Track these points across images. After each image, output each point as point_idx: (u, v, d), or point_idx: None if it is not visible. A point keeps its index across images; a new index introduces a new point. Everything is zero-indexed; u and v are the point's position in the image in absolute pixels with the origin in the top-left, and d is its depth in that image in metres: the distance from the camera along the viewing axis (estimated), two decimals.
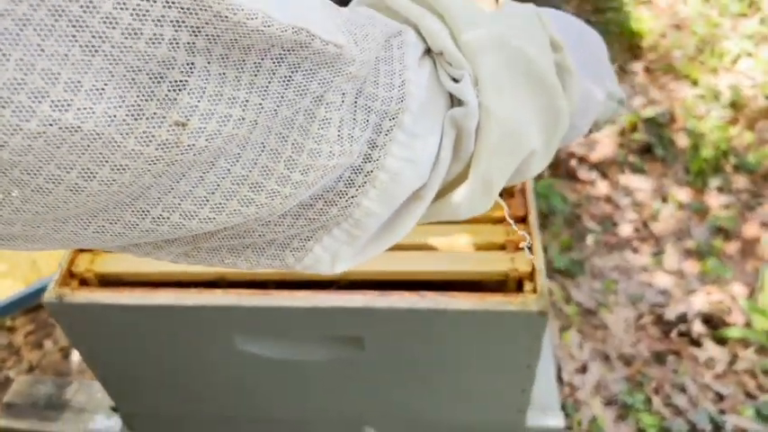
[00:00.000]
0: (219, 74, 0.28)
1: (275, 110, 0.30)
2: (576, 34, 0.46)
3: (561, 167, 2.06)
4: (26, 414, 1.16)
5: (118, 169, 0.27)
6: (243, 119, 0.29)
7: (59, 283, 0.75)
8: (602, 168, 2.07)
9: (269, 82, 0.29)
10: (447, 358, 0.79)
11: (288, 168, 0.32)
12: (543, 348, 1.20)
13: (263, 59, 0.29)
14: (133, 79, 0.26)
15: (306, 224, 0.35)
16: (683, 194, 1.98)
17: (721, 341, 1.63)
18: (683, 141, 2.12)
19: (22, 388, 1.21)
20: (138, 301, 0.72)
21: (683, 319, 1.68)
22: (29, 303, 1.62)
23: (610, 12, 2.68)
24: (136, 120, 0.26)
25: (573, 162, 2.09)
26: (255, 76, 0.29)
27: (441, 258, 0.79)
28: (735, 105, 2.20)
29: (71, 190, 0.27)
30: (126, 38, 0.25)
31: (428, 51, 0.38)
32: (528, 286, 0.75)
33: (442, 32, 0.37)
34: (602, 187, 2.02)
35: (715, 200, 1.95)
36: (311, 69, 0.31)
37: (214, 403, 0.89)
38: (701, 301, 1.71)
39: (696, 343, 1.63)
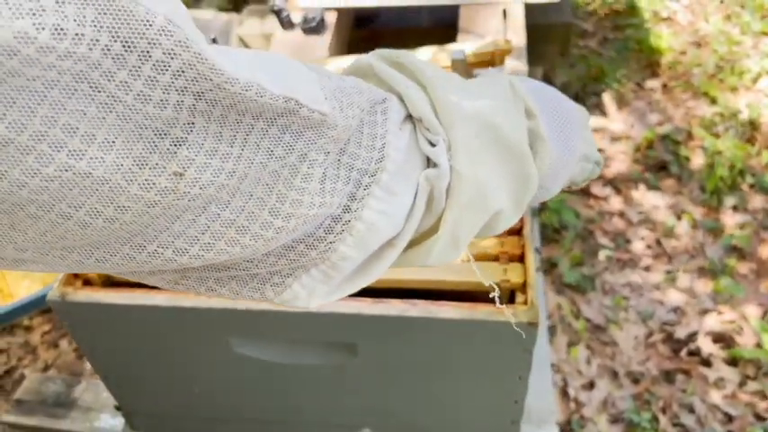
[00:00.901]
0: (217, 132, 0.32)
1: (264, 164, 0.34)
2: (551, 102, 0.51)
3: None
4: (35, 411, 1.18)
5: (121, 210, 0.31)
6: (234, 171, 0.33)
7: (63, 282, 0.77)
8: (617, 184, 2.06)
9: (261, 139, 0.34)
10: (439, 366, 0.79)
11: (272, 215, 0.36)
12: (542, 362, 1.20)
13: (256, 121, 0.33)
14: (140, 134, 0.30)
15: (287, 263, 0.39)
16: (697, 212, 1.96)
17: (732, 362, 1.61)
18: (699, 159, 2.10)
19: (33, 385, 1.24)
20: (136, 301, 0.74)
21: (693, 338, 1.66)
22: (46, 304, 1.66)
23: (629, 28, 2.68)
24: (140, 168, 0.30)
25: None
26: (249, 134, 0.33)
27: (434, 268, 0.80)
28: (753, 124, 2.18)
29: (79, 225, 0.31)
30: (137, 101, 0.29)
31: (409, 116, 0.43)
32: (520, 298, 0.76)
33: (422, 101, 0.42)
34: (615, 203, 2.01)
35: (730, 219, 1.93)
36: (298, 131, 0.35)
37: (212, 404, 0.91)
38: (713, 320, 1.69)
39: (706, 363, 1.62)
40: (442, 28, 1.90)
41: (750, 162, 2.07)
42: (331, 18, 1.68)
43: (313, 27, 1.63)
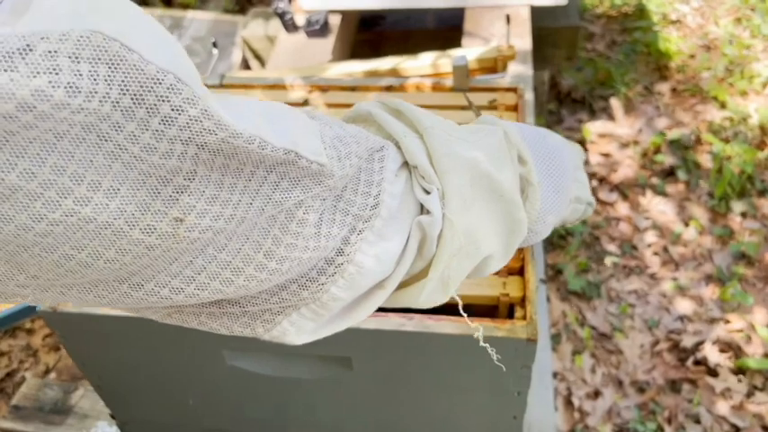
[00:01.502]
0: (218, 180, 0.34)
1: (262, 208, 0.36)
2: (545, 147, 0.52)
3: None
4: (32, 417, 1.18)
5: (122, 252, 0.32)
6: (233, 216, 0.35)
7: None
8: (623, 189, 2.04)
9: (260, 186, 0.35)
10: (435, 381, 0.78)
11: (266, 258, 0.37)
12: (543, 373, 1.18)
13: (257, 168, 0.35)
14: (144, 181, 0.31)
15: (278, 302, 0.41)
16: (705, 219, 1.93)
17: (739, 371, 1.58)
18: (707, 164, 2.08)
19: (30, 391, 1.23)
20: (128, 312, 0.73)
21: (700, 347, 1.64)
22: None
23: (637, 31, 2.65)
24: (142, 214, 0.32)
25: (594, 182, 2.06)
26: (249, 181, 0.35)
27: None
28: (763, 129, 2.15)
29: (81, 265, 0.32)
30: (143, 152, 0.30)
31: (406, 163, 0.45)
32: (519, 312, 0.74)
33: (419, 150, 0.44)
34: (622, 209, 1.99)
35: (739, 225, 1.91)
36: (296, 178, 0.37)
37: (206, 416, 0.90)
38: (720, 329, 1.67)
39: (713, 372, 1.59)
40: (448, 30, 1.88)
41: (760, 168, 2.04)
42: (335, 21, 1.67)
43: (317, 30, 1.62)
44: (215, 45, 1.04)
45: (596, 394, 1.58)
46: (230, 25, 2.19)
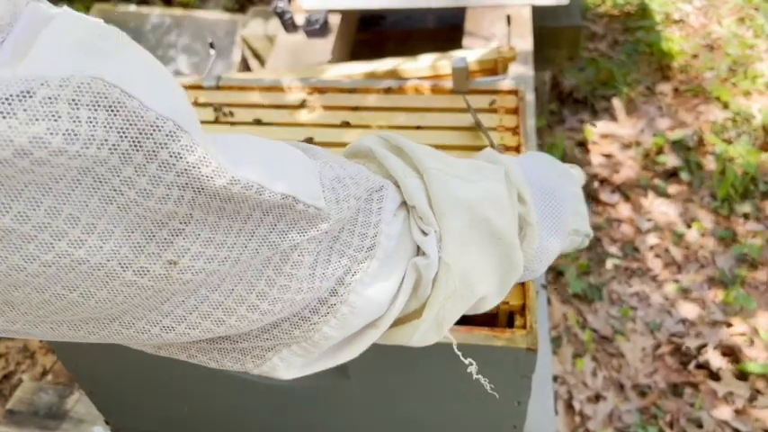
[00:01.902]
0: (214, 223, 0.33)
1: (257, 250, 0.35)
2: (547, 184, 0.53)
3: (583, 188, 2.01)
4: (27, 422, 1.16)
5: (114, 292, 0.32)
6: (228, 258, 0.34)
7: None
8: (625, 191, 2.02)
9: (256, 228, 0.35)
10: (433, 390, 0.76)
11: (259, 298, 0.37)
12: (543, 380, 1.17)
13: (253, 211, 0.35)
14: (139, 224, 0.31)
15: (270, 339, 0.41)
16: (708, 220, 1.92)
17: (742, 375, 1.57)
18: (710, 165, 2.06)
19: (26, 396, 1.22)
20: None
21: (702, 350, 1.62)
22: None
23: (640, 31, 2.63)
24: (136, 256, 0.32)
25: (595, 184, 2.05)
26: (245, 223, 0.35)
27: None
28: (766, 129, 2.13)
29: (72, 304, 0.32)
30: (139, 196, 0.30)
31: (405, 203, 0.45)
32: (518, 321, 0.72)
33: (418, 192, 0.44)
34: (624, 211, 1.97)
35: (742, 227, 1.89)
36: (293, 221, 0.37)
37: (202, 422, 0.88)
38: (723, 332, 1.65)
39: (715, 376, 1.58)
40: (448, 30, 1.87)
41: (763, 169, 2.02)
42: (335, 20, 1.65)
43: (316, 29, 1.60)
44: (212, 46, 1.03)
45: (597, 398, 1.57)
46: (230, 24, 2.17)
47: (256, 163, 0.35)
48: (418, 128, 0.87)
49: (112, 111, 0.28)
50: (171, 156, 0.30)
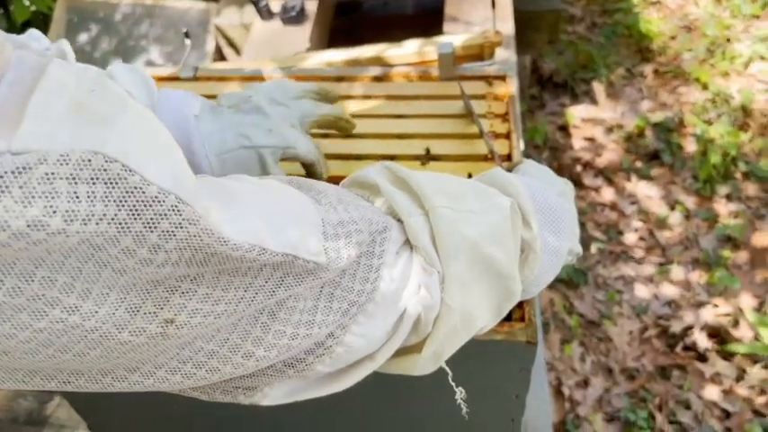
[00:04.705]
0: (212, 279, 0.33)
1: (253, 298, 0.35)
2: (551, 208, 0.53)
3: (565, 173, 2.00)
4: (6, 430, 1.13)
5: (108, 350, 0.32)
6: (225, 312, 0.34)
7: None
8: (608, 174, 2.02)
9: (255, 279, 0.35)
10: (431, 385, 0.74)
11: (254, 345, 0.37)
12: (537, 370, 1.16)
13: (252, 264, 0.34)
14: (135, 285, 0.30)
15: (263, 377, 0.40)
16: (690, 202, 1.92)
17: (728, 356, 1.58)
18: (691, 147, 2.06)
19: (4, 402, 1.18)
20: None
21: (688, 332, 1.63)
22: None
23: (618, 13, 2.62)
24: (132, 317, 0.31)
25: (578, 168, 2.04)
26: (244, 278, 0.34)
27: None
28: (745, 110, 2.14)
29: (64, 362, 0.32)
30: (138, 264, 0.29)
31: (408, 240, 0.44)
32: (516, 314, 0.70)
33: (423, 232, 0.44)
34: (607, 194, 1.97)
35: (724, 208, 1.90)
36: (293, 274, 0.37)
37: (186, 424, 0.86)
38: (708, 313, 1.66)
39: (702, 357, 1.58)
40: (427, 15, 1.84)
41: (743, 149, 2.03)
42: (311, 7, 1.61)
43: (293, 17, 1.56)
44: (187, 35, 0.99)
45: (586, 383, 1.56)
46: (203, 13, 2.12)
47: (258, 219, 0.34)
48: (400, 116, 0.84)
49: (112, 184, 0.27)
50: (172, 226, 0.29)
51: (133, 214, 0.28)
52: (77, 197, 0.26)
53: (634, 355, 1.61)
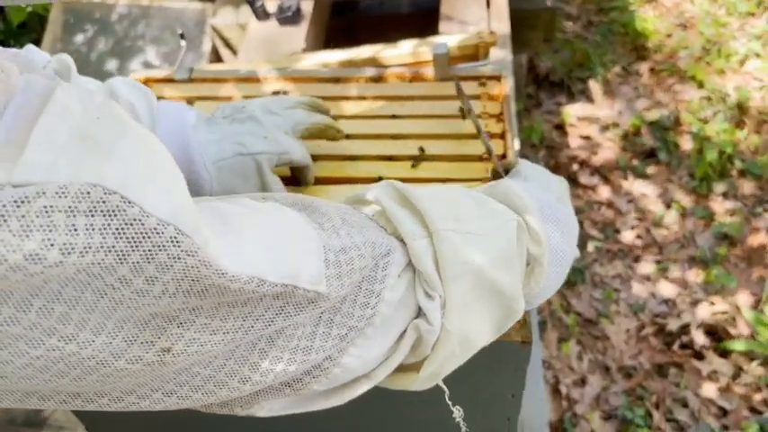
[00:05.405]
0: (210, 309, 0.33)
1: (252, 327, 0.35)
2: (561, 222, 0.52)
3: (562, 172, 2.01)
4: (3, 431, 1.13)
5: (104, 376, 0.32)
6: (223, 341, 0.34)
7: None
8: (604, 173, 2.02)
9: (253, 308, 0.35)
10: (428, 390, 0.74)
11: (251, 371, 0.37)
12: (534, 370, 1.16)
13: (251, 295, 0.34)
14: (132, 315, 0.30)
15: (259, 393, 0.41)
16: (687, 200, 1.93)
17: (725, 354, 1.58)
18: (687, 145, 2.07)
19: None
20: None
21: (685, 330, 1.63)
22: None
23: (614, 11, 2.62)
24: (129, 345, 0.31)
25: (574, 166, 2.04)
26: (243, 308, 0.34)
27: None
28: (741, 108, 2.14)
29: (61, 386, 0.32)
30: (134, 294, 0.29)
31: (411, 262, 0.44)
32: None
33: (426, 257, 0.43)
34: (603, 192, 1.97)
35: (720, 206, 1.90)
36: (293, 303, 0.36)
37: (184, 426, 0.86)
38: (705, 311, 1.66)
39: (699, 355, 1.59)
40: (422, 15, 1.84)
41: (739, 147, 2.03)
42: (307, 7, 1.61)
43: (289, 17, 1.56)
44: (182, 36, 0.99)
45: (583, 381, 1.57)
46: (199, 13, 2.12)
47: (257, 249, 0.34)
48: (395, 117, 0.84)
49: (111, 216, 0.27)
50: (170, 258, 0.29)
51: (131, 245, 0.28)
52: (75, 229, 0.26)
53: (631, 353, 1.61)
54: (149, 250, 0.29)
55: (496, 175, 0.75)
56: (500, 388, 0.73)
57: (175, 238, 0.29)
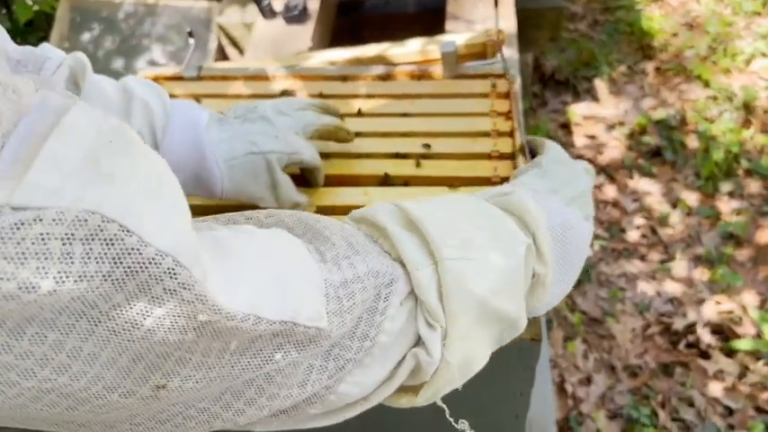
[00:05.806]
0: (206, 347, 0.32)
1: (249, 364, 0.34)
2: (569, 238, 0.51)
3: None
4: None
5: (97, 407, 0.31)
6: (219, 376, 0.33)
7: None
8: (610, 172, 2.02)
9: (248, 347, 0.34)
10: None
11: (246, 405, 0.36)
12: (542, 368, 1.16)
13: (247, 334, 0.33)
14: (127, 348, 0.30)
15: (254, 423, 0.40)
16: (693, 199, 1.92)
17: (731, 353, 1.58)
18: (693, 144, 2.06)
19: None
20: None
21: (691, 329, 1.63)
22: None
23: (620, 10, 2.62)
24: (122, 379, 0.30)
25: None
26: (240, 344, 0.33)
27: None
28: (747, 107, 2.14)
29: (52, 415, 0.31)
30: (128, 324, 0.29)
31: (413, 291, 0.43)
32: None
33: (429, 288, 0.42)
34: (609, 191, 1.97)
35: (726, 205, 1.90)
36: (292, 341, 0.36)
37: None
38: (711, 310, 1.66)
39: (705, 354, 1.58)
40: (429, 14, 1.84)
41: (746, 146, 2.03)
42: (314, 6, 1.62)
43: (295, 16, 1.57)
44: (191, 35, 0.99)
45: (589, 380, 1.57)
46: (205, 12, 2.12)
47: (256, 283, 0.34)
48: (404, 115, 0.84)
49: (108, 243, 0.27)
50: (165, 291, 0.29)
51: (128, 273, 0.28)
52: (71, 258, 0.26)
53: (637, 352, 1.61)
54: (146, 281, 0.28)
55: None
56: (509, 386, 0.73)
57: (172, 269, 0.29)
